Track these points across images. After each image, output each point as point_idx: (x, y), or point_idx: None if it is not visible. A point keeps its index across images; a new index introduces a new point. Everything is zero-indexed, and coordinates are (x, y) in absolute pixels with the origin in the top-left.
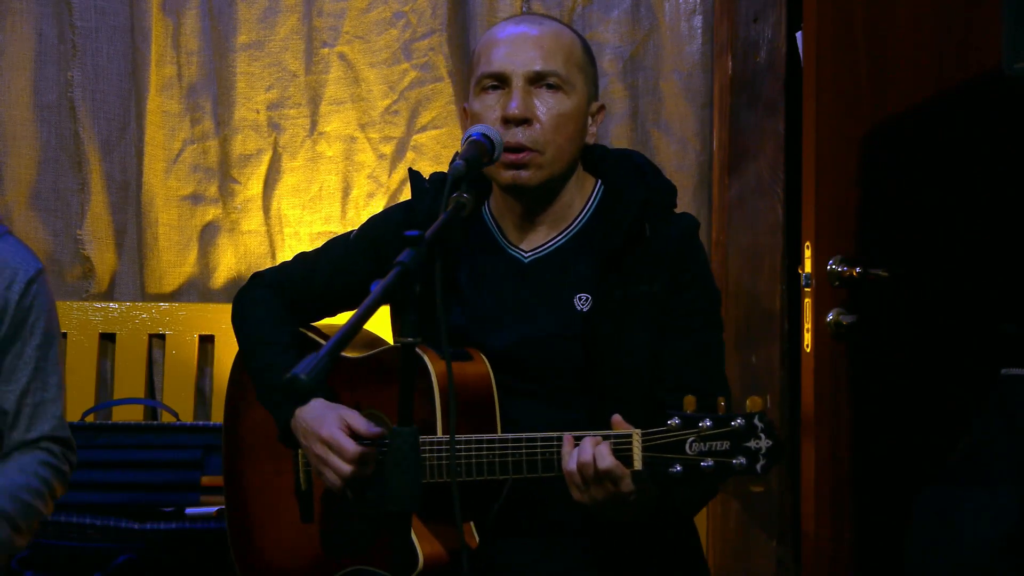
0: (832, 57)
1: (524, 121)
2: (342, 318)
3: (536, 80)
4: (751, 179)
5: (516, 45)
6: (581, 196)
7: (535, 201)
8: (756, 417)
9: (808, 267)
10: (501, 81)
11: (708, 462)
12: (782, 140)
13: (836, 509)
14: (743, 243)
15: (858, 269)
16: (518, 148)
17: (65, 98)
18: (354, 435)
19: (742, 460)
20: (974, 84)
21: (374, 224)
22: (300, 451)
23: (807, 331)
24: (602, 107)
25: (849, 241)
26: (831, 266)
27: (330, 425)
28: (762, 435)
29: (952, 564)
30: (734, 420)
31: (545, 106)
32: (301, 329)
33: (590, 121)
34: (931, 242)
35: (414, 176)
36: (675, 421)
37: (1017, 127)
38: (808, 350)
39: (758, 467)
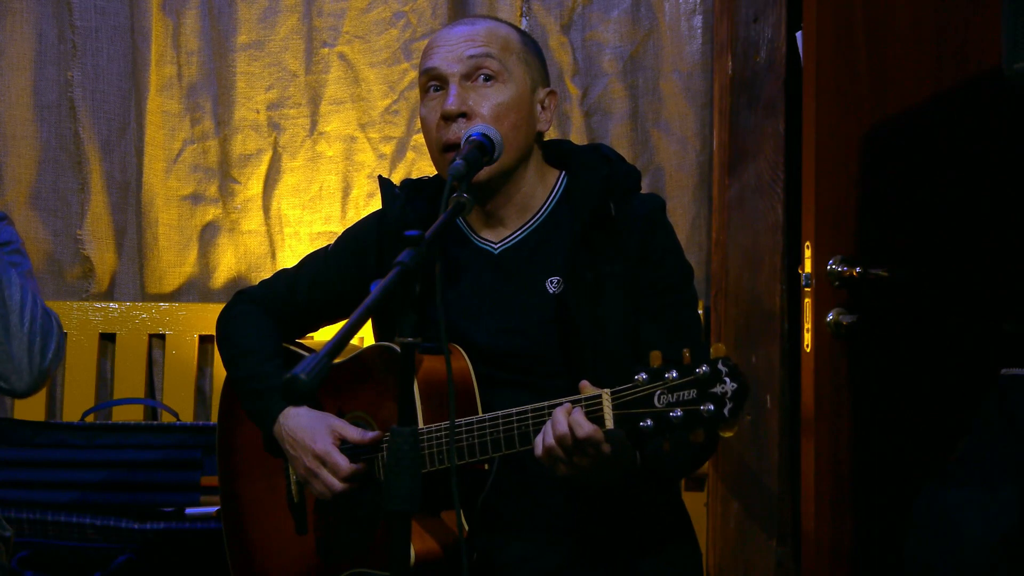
0: (832, 57)
1: (461, 115)
2: (326, 333)
3: (470, 75)
4: (751, 179)
5: (450, 45)
6: (544, 187)
7: (493, 196)
8: (720, 362)
9: (808, 267)
10: (440, 81)
11: (677, 412)
12: (782, 140)
13: (836, 509)
14: (743, 243)
15: (858, 269)
16: (459, 144)
17: (65, 98)
18: (344, 444)
19: (710, 406)
20: (974, 84)
21: (349, 236)
22: (288, 462)
23: (807, 331)
24: (552, 92)
25: (849, 241)
26: (831, 266)
27: (323, 440)
28: (727, 379)
29: (952, 564)
30: (699, 368)
31: (482, 98)
32: (285, 344)
33: (540, 109)
34: (931, 242)
35: (384, 183)
36: (642, 376)
37: (1017, 127)
38: (808, 350)
39: (725, 411)
